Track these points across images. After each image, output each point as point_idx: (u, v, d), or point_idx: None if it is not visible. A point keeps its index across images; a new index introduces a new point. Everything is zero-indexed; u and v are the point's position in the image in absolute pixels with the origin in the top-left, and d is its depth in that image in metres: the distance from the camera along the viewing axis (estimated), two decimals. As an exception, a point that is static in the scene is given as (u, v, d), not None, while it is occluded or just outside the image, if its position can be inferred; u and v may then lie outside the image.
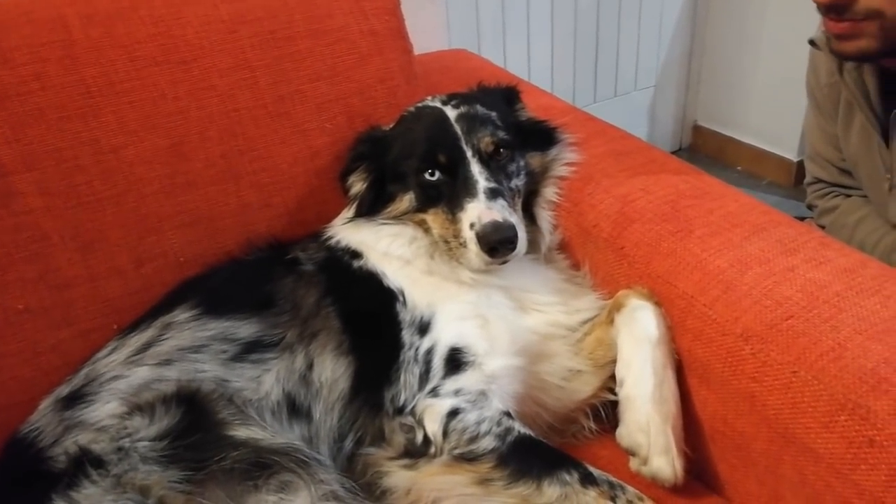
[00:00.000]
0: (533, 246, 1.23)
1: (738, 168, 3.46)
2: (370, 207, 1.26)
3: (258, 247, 1.31)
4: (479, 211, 1.11)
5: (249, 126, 1.34)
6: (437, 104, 1.28)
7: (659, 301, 1.09)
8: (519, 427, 1.01)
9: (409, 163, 1.22)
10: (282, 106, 1.37)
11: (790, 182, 3.23)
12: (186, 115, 1.29)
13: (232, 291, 1.19)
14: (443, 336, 1.09)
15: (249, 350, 1.09)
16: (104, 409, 1.01)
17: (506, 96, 1.35)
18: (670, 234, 1.13)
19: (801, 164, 3.19)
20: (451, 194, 1.17)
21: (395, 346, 1.09)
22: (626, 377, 1.04)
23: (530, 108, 1.42)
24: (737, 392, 0.97)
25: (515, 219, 1.12)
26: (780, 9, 3.00)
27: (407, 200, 1.23)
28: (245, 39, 1.33)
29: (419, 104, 1.33)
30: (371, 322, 1.14)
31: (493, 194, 1.13)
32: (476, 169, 1.17)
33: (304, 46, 1.38)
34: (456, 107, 1.25)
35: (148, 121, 1.26)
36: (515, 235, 1.09)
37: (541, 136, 1.32)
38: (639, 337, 1.04)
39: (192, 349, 1.08)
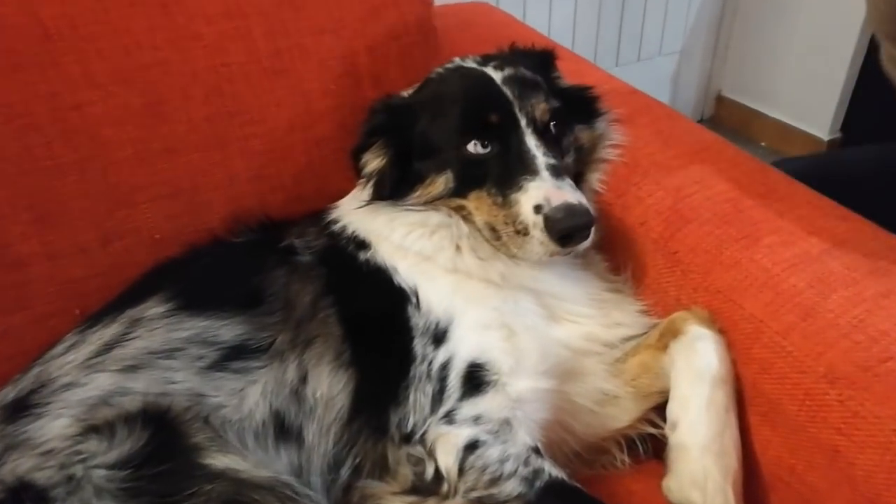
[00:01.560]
0: None
1: (763, 144, 3.26)
2: (393, 190, 1.05)
3: (247, 227, 1.13)
4: (545, 191, 0.92)
5: (240, 84, 1.15)
6: (473, 65, 1.08)
7: (720, 325, 0.92)
8: (550, 468, 0.85)
9: (447, 132, 1.01)
10: (279, 62, 1.17)
11: (818, 162, 3.04)
12: (166, 69, 1.09)
13: (214, 283, 1.01)
14: (461, 348, 0.92)
15: (232, 356, 0.92)
16: (53, 426, 0.84)
17: (542, 60, 1.15)
18: (733, 240, 0.95)
19: (832, 143, 3.00)
20: (500, 172, 0.98)
21: (405, 358, 0.92)
22: (681, 420, 0.87)
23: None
24: (814, 442, 0.81)
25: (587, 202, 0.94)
26: (824, -27, 2.76)
27: (442, 182, 1.02)
28: (237, -20, 1.12)
29: (448, 65, 1.12)
30: (377, 328, 0.96)
31: (556, 172, 0.95)
32: (532, 141, 0.98)
33: (307, -8, 1.18)
34: (498, 68, 1.05)
35: (119, 74, 1.06)
36: (592, 221, 0.92)
37: (584, 108, 1.12)
38: (699, 373, 0.87)
39: (163, 353, 0.91)
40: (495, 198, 0.98)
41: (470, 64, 1.09)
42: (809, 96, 3.01)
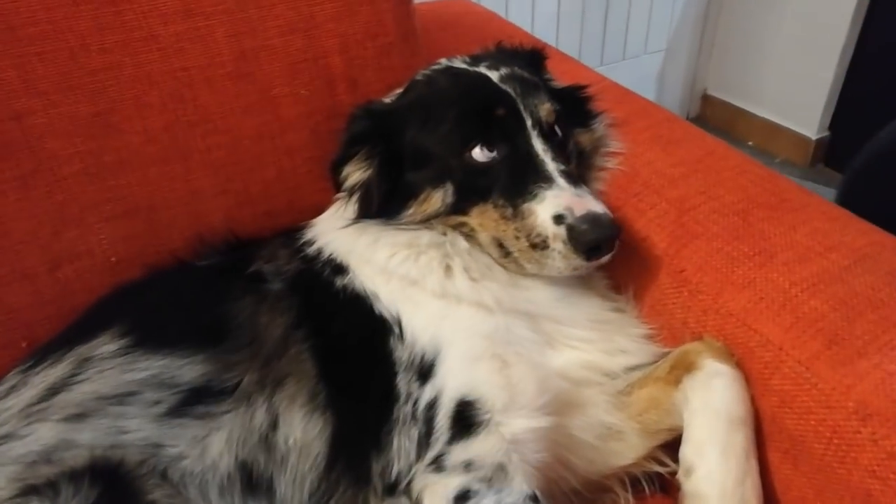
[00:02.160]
0: None
1: (749, 143, 3.20)
2: (382, 206, 0.94)
3: (213, 248, 1.02)
4: (566, 200, 0.85)
5: (202, 90, 1.04)
6: (463, 65, 0.99)
7: (735, 352, 0.83)
8: None
9: (445, 138, 0.91)
10: (244, 65, 1.07)
11: (806, 161, 2.98)
12: (118, 74, 0.98)
13: (173, 315, 0.91)
14: (450, 383, 0.82)
15: (193, 400, 0.81)
16: None
17: (532, 60, 1.07)
18: (746, 257, 0.87)
19: (819, 142, 2.95)
20: (509, 180, 0.89)
21: (387, 397, 0.83)
22: (698, 466, 0.78)
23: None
24: (843, 484, 0.73)
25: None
26: (811, -31, 2.70)
27: (439, 197, 0.92)
28: (196, -24, 1.02)
29: (435, 66, 1.03)
30: (356, 364, 0.86)
31: (572, 179, 0.88)
32: (540, 145, 0.90)
33: (274, -11, 1.07)
34: (493, 67, 0.97)
35: (64, 80, 0.95)
36: (620, 231, 0.85)
37: (579, 109, 1.04)
38: (717, 414, 0.78)
39: (114, 399, 0.80)
40: (503, 209, 0.89)
41: (459, 64, 1.00)
42: (796, 95, 2.96)
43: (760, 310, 0.82)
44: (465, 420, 0.80)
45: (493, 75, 0.96)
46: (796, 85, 2.94)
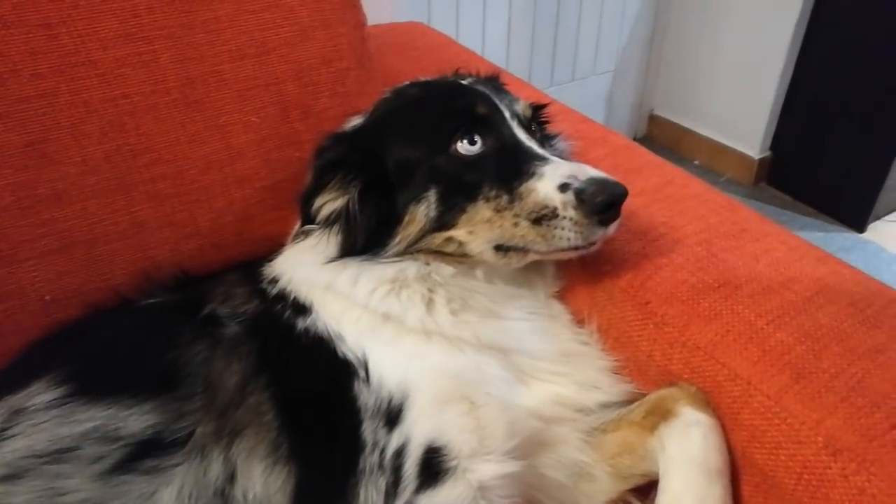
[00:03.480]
0: (532, 290, 0.94)
1: (696, 162, 3.28)
2: (368, 239, 0.88)
3: (160, 284, 0.96)
4: (567, 169, 0.84)
5: (145, 118, 0.99)
6: (431, 80, 1.03)
7: (703, 387, 0.82)
8: None
9: (426, 138, 0.88)
10: (191, 92, 1.02)
11: (751, 180, 3.07)
12: (52, 102, 0.92)
13: (117, 360, 0.84)
14: (417, 429, 0.78)
15: (140, 454, 0.75)
16: None
17: (492, 82, 1.06)
18: (711, 288, 0.86)
19: (762, 162, 3.04)
20: (499, 169, 0.86)
21: (353, 447, 0.78)
22: None
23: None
24: (814, 519, 0.72)
25: None
26: (751, -7, 2.80)
27: (422, 211, 0.87)
28: (139, -2, 0.97)
29: (400, 86, 1.02)
30: (319, 412, 0.81)
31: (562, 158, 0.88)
32: (523, 135, 0.91)
33: (222, 13, 1.03)
34: (460, 79, 1.01)
35: (-7, 109, 0.89)
36: (627, 193, 0.83)
37: (539, 129, 1.04)
38: (695, 465, 0.76)
39: (50, 456, 0.74)
40: (497, 201, 0.85)
41: (425, 80, 1.01)
42: (740, 116, 3.04)
43: (728, 343, 0.81)
44: (433, 468, 0.76)
45: (464, 81, 0.98)
46: (739, 106, 3.03)
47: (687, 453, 0.77)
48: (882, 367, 0.74)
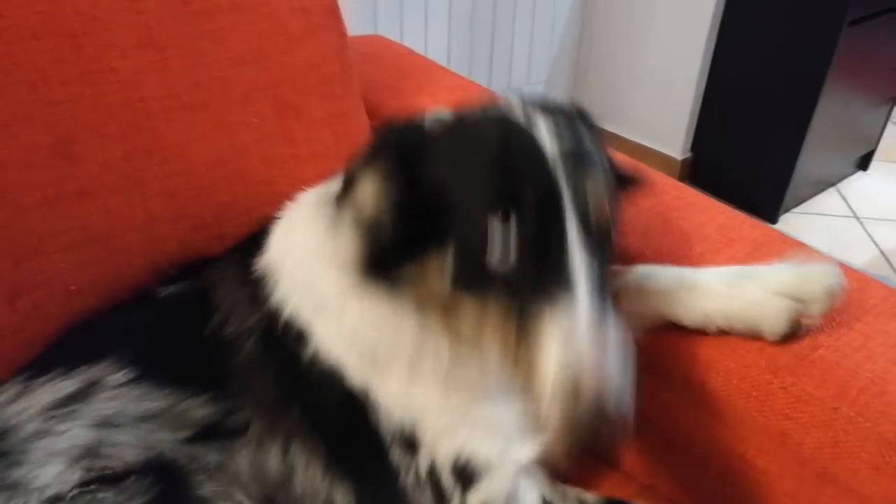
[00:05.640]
0: None
1: (624, 164, 3.53)
2: (387, 258, 0.76)
3: (180, 270, 1.05)
4: (578, 337, 0.65)
5: (158, 120, 1.08)
6: (520, 115, 0.75)
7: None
8: None
9: (471, 187, 0.72)
10: (198, 95, 1.12)
11: (675, 179, 3.33)
12: (77, 106, 1.00)
13: (170, 351, 0.89)
14: (438, 451, 0.82)
15: (210, 434, 0.82)
16: (47, 472, 0.73)
17: (588, 125, 0.89)
18: (669, 251, 1.03)
19: (685, 162, 3.31)
20: (522, 279, 0.68)
21: (389, 471, 0.82)
22: None
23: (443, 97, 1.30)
24: (763, 430, 0.89)
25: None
26: (668, 3, 3.07)
27: (435, 268, 0.74)
28: (151, 12, 1.06)
29: (489, 109, 0.80)
30: (351, 440, 0.84)
31: (600, 290, 0.68)
32: (578, 252, 0.69)
33: (225, 23, 1.13)
34: (556, 131, 0.73)
35: (24, 111, 0.96)
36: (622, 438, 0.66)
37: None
38: None
39: (138, 417, 0.81)
40: (507, 326, 0.70)
41: (515, 112, 0.76)
42: (662, 120, 3.31)
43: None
44: (468, 473, 0.82)
45: (551, 144, 0.72)
46: (662, 111, 3.30)
47: None
48: (807, 303, 0.93)
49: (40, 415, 0.80)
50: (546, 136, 0.73)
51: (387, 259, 0.76)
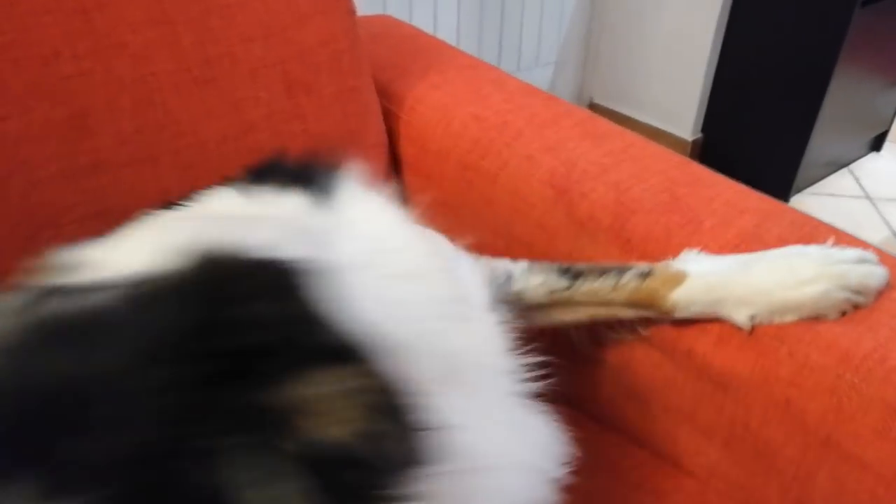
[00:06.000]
0: None
1: (634, 146, 3.52)
2: None
3: None
4: None
5: (170, 95, 1.09)
6: None
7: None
8: None
9: None
10: (209, 70, 1.13)
11: (685, 160, 3.32)
12: (90, 80, 1.01)
13: None
14: None
15: None
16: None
17: None
18: (679, 226, 1.04)
19: (695, 143, 3.30)
20: None
21: None
22: None
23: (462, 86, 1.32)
24: (768, 397, 0.90)
25: None
26: (682, -13, 3.04)
27: None
28: (162, -14, 1.07)
29: None
30: None
31: None
32: None
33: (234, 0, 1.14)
34: None
35: (38, 86, 0.98)
36: None
37: None
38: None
39: None
40: None
41: None
42: (673, 101, 3.29)
43: (693, 266, 0.99)
44: None
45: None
46: (673, 92, 3.28)
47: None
48: (814, 274, 0.93)
49: None
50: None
51: None
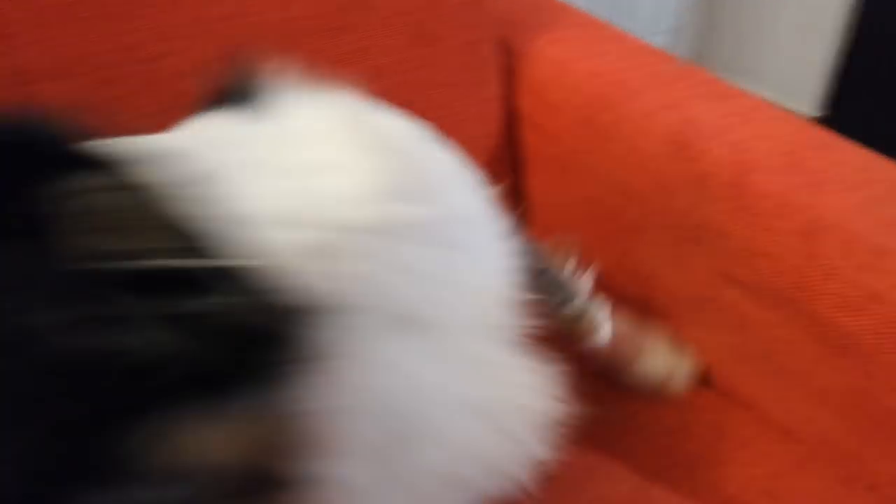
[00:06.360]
0: None
1: (750, 121, 3.37)
2: None
3: None
4: None
5: (310, 38, 1.16)
6: None
7: (794, 263, 0.97)
8: None
9: None
10: (343, 18, 1.19)
11: (805, 138, 3.15)
12: (240, 21, 1.09)
13: None
14: None
15: None
16: None
17: None
18: (799, 186, 1.01)
19: (820, 121, 3.12)
20: None
21: None
22: None
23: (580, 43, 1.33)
24: (889, 368, 0.87)
25: None
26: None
27: None
28: (305, -66, 1.14)
29: None
30: None
31: None
32: None
33: (371, -52, 1.19)
34: None
35: (194, 26, 1.06)
36: None
37: None
38: None
39: None
40: None
41: None
42: (797, 74, 3.12)
43: (816, 229, 0.97)
44: None
45: None
46: (797, 64, 3.11)
47: None
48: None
49: None
50: None
51: None
